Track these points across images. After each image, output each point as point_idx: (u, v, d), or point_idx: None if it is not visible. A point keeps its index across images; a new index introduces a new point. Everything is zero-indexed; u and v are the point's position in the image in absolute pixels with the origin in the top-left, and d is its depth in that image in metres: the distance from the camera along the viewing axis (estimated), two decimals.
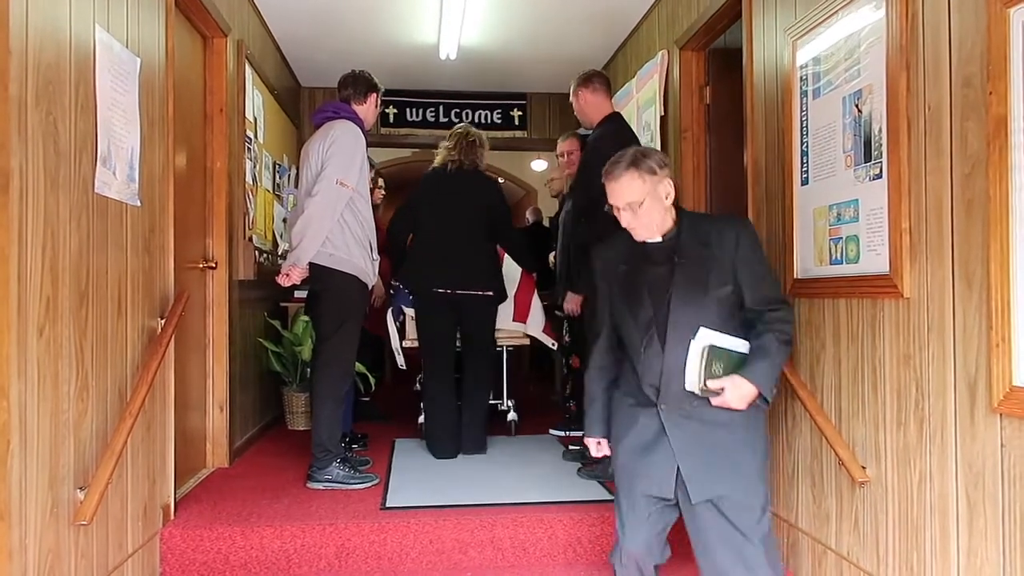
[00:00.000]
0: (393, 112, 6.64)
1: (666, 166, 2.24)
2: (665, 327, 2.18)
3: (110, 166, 2.41)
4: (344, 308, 3.47)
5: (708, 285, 2.18)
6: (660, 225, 2.25)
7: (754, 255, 2.22)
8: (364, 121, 3.62)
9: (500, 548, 2.95)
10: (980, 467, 1.95)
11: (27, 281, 1.92)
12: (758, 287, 2.21)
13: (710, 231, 2.24)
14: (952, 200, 2.04)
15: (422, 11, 4.78)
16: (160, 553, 2.83)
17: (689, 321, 2.16)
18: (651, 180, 2.20)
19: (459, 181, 4.15)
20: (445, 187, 4.16)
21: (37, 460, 1.98)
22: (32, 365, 1.94)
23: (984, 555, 1.95)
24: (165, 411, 2.92)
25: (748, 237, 2.23)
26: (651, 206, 2.21)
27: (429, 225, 4.12)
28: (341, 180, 3.34)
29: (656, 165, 2.21)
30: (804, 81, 2.81)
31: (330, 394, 3.46)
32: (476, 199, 4.12)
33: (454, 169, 4.16)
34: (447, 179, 4.17)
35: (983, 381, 1.92)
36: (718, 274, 2.19)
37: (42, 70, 1.99)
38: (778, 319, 2.20)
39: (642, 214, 2.21)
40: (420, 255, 4.12)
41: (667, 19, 4.41)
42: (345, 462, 3.47)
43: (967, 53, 1.97)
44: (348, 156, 3.37)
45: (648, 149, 2.29)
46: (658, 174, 2.20)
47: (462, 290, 4.07)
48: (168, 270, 2.94)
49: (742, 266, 2.19)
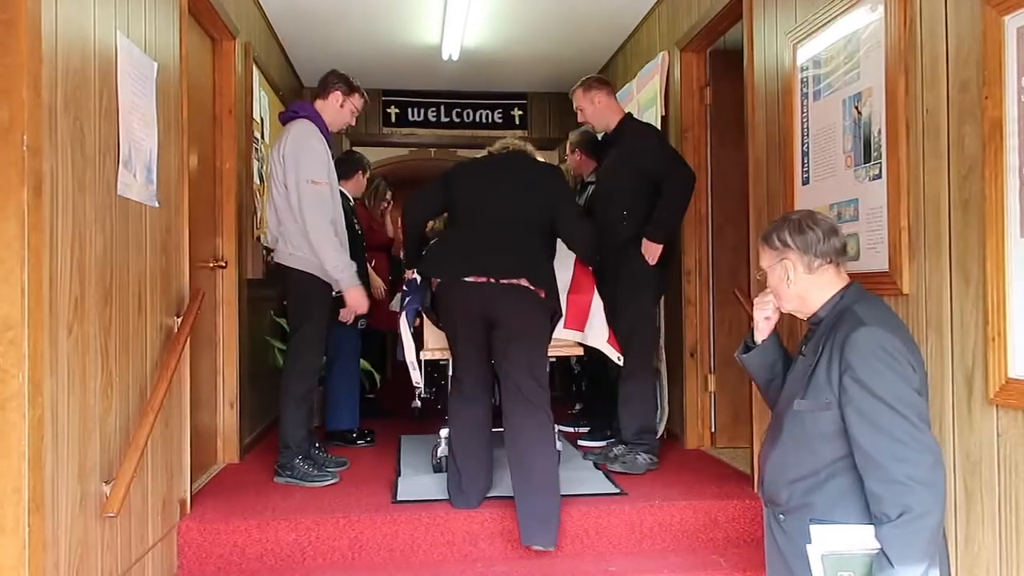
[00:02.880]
0: (395, 112, 6.71)
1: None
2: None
3: (131, 168, 2.47)
4: (302, 308, 3.52)
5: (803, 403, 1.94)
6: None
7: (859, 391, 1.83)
8: (325, 117, 3.59)
9: (510, 539, 3.02)
10: (977, 456, 2.03)
11: (58, 281, 1.98)
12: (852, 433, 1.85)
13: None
14: (950, 200, 2.12)
15: (425, 14, 4.85)
16: (178, 546, 2.90)
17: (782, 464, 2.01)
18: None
19: (511, 163, 3.39)
20: (493, 170, 3.39)
21: (68, 454, 2.04)
22: (62, 362, 2.01)
23: (981, 541, 2.03)
24: (182, 407, 2.99)
25: (856, 358, 1.84)
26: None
27: (467, 210, 3.28)
28: (311, 179, 3.37)
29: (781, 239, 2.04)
30: (805, 83, 2.89)
31: (289, 392, 3.51)
32: (531, 184, 3.28)
33: (504, 153, 3.46)
34: (496, 161, 3.44)
35: (980, 373, 2.00)
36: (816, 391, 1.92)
37: (70, 76, 2.06)
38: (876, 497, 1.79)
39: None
40: (452, 243, 3.30)
41: (667, 20, 4.48)
42: (308, 459, 3.52)
43: (963, 58, 2.05)
44: (308, 154, 3.39)
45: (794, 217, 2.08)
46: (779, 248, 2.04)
47: (505, 279, 3.04)
48: (184, 269, 3.01)
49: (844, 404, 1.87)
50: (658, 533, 3.10)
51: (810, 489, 1.92)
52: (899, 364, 1.80)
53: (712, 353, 4.22)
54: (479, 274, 3.05)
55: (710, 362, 4.22)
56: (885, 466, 1.76)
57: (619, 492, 3.27)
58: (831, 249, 1.98)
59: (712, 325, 4.23)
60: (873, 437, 1.78)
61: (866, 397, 1.80)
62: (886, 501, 1.76)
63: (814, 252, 1.97)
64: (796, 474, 1.95)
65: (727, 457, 3.94)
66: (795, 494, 1.95)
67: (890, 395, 1.78)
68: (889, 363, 1.80)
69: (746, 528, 3.12)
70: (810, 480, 1.92)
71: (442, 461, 3.53)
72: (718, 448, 4.16)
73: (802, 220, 2.01)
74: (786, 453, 1.99)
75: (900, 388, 1.78)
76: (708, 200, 4.19)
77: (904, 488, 1.74)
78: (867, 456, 1.79)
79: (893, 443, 1.76)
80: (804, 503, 1.93)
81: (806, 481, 1.93)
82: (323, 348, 3.67)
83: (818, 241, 1.97)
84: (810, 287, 2.01)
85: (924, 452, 1.76)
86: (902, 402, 1.78)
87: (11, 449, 1.82)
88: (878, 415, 1.78)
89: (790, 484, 1.96)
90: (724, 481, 3.48)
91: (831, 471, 1.89)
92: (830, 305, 1.99)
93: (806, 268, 1.99)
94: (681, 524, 3.12)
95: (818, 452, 1.90)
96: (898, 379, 1.79)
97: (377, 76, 6.23)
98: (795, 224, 2.00)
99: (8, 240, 1.81)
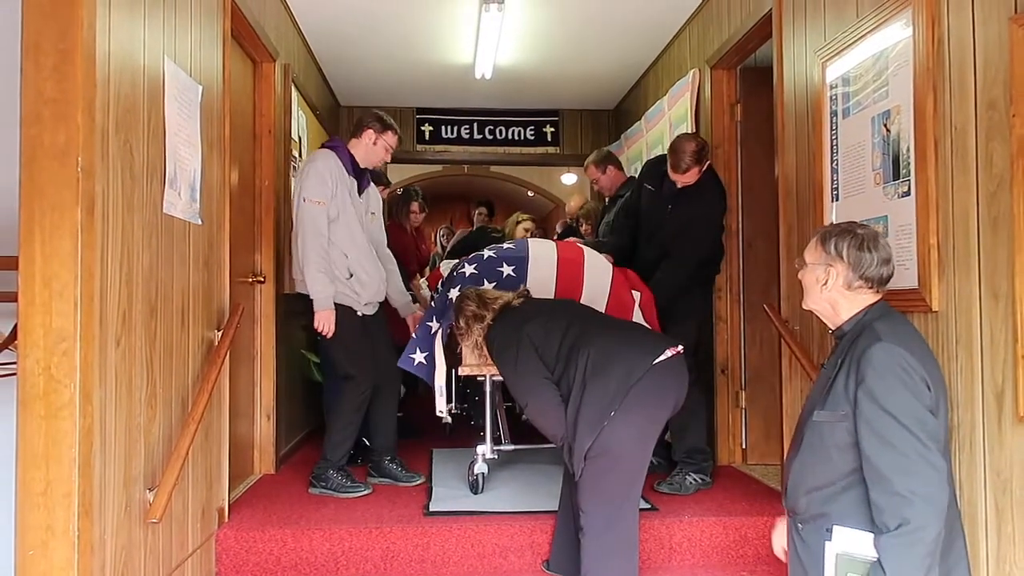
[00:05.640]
0: (429, 129, 6.83)
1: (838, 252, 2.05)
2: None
3: (176, 187, 2.58)
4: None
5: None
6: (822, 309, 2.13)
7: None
8: (357, 154, 3.67)
9: (539, 553, 3.05)
10: (1008, 474, 2.02)
11: (107, 296, 2.08)
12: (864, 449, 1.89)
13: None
14: (978, 217, 2.12)
15: (459, 34, 4.95)
16: (216, 553, 2.97)
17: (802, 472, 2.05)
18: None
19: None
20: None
21: (114, 462, 2.13)
22: (110, 373, 2.10)
23: (1013, 560, 2.01)
24: (221, 418, 3.08)
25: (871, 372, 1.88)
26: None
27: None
28: (308, 198, 3.46)
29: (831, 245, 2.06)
30: (834, 101, 2.90)
31: (332, 408, 3.65)
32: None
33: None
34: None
35: (1010, 391, 2.00)
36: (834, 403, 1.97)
37: (121, 101, 2.16)
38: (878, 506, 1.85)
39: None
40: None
41: (698, 38, 4.52)
42: (342, 470, 3.59)
43: (991, 77, 2.06)
44: (311, 176, 3.48)
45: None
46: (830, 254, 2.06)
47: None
48: (224, 284, 3.10)
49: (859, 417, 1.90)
50: (687, 549, 3.11)
51: (827, 499, 1.96)
52: (912, 380, 1.83)
53: (743, 369, 4.22)
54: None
55: (741, 378, 4.22)
56: (889, 478, 1.80)
57: (650, 508, 3.29)
58: (877, 277, 2.02)
59: (743, 341, 4.23)
60: (880, 449, 1.82)
61: (876, 410, 1.84)
62: (887, 512, 1.80)
63: (861, 274, 2.01)
64: (814, 483, 1.99)
65: (758, 474, 3.93)
66: (813, 503, 1.99)
67: (899, 410, 1.81)
68: (902, 378, 1.83)
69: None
70: (827, 490, 1.96)
71: (479, 479, 3.58)
72: (749, 465, 4.14)
73: (866, 239, 2.02)
74: (805, 463, 2.03)
75: (910, 404, 1.82)
76: (739, 216, 4.21)
77: (904, 501, 1.77)
78: (873, 467, 1.84)
79: (898, 456, 1.80)
80: (821, 512, 1.97)
81: (823, 491, 1.97)
82: (368, 367, 3.62)
83: (870, 265, 2.00)
84: (842, 300, 2.05)
85: (928, 468, 1.79)
86: (911, 418, 1.81)
87: (62, 456, 1.91)
88: (886, 429, 1.82)
89: (808, 493, 2.01)
90: (754, 498, 3.47)
91: (848, 482, 1.93)
92: (855, 320, 2.03)
93: (846, 284, 2.03)
94: (711, 540, 3.12)
95: (835, 462, 1.94)
96: (909, 395, 1.82)
97: (411, 94, 6.36)
98: (858, 240, 2.02)
99: (63, 257, 1.91)
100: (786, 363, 3.35)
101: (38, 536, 1.91)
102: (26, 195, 1.93)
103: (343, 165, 3.59)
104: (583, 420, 2.50)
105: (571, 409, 2.55)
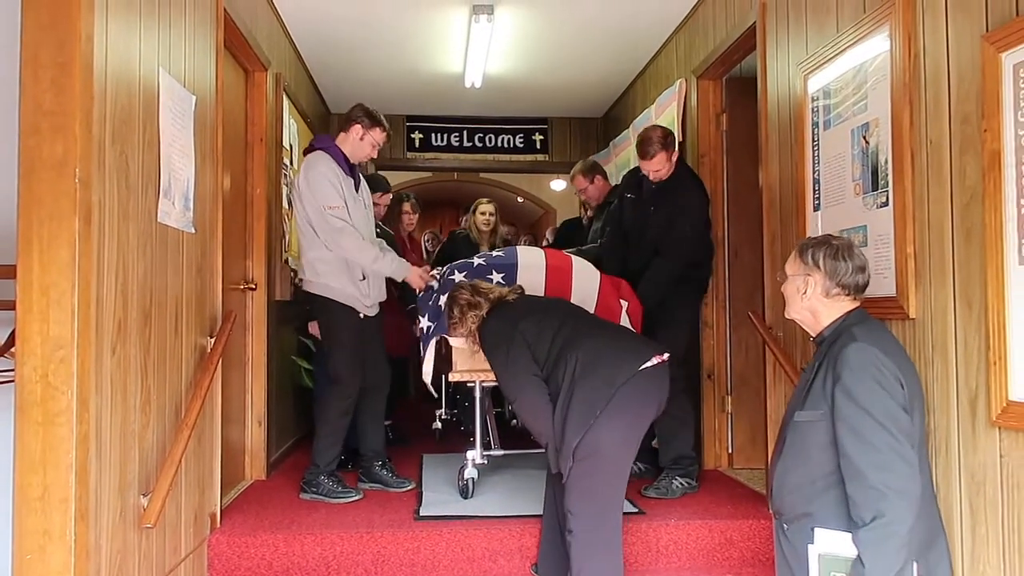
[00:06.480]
0: (419, 137, 6.89)
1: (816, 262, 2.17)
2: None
3: (170, 197, 2.61)
4: (329, 334, 3.66)
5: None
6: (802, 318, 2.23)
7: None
8: (345, 149, 3.66)
9: (528, 556, 3.09)
10: (982, 477, 2.09)
11: (104, 304, 2.12)
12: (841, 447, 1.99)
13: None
14: (953, 228, 2.19)
15: (449, 43, 5.01)
16: (208, 559, 3.00)
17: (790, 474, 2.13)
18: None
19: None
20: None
21: (110, 467, 2.17)
22: (106, 381, 2.14)
23: (986, 559, 2.08)
24: (213, 425, 3.11)
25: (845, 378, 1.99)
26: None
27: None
28: (327, 206, 3.47)
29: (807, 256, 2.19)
30: (815, 113, 2.98)
31: (322, 416, 3.67)
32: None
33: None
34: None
35: (983, 396, 2.06)
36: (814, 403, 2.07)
37: (117, 112, 2.20)
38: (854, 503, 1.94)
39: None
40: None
41: (684, 49, 4.59)
42: (332, 476, 3.62)
43: (964, 92, 2.13)
44: (323, 184, 3.50)
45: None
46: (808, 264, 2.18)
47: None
48: (217, 291, 3.14)
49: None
50: (673, 552, 3.17)
51: (809, 498, 2.03)
52: (885, 378, 1.93)
53: (729, 374, 4.29)
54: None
55: (727, 383, 4.28)
56: (864, 473, 1.89)
57: (636, 511, 3.34)
58: (853, 284, 2.13)
59: (729, 347, 4.29)
60: (855, 445, 1.91)
61: (852, 407, 1.94)
62: (862, 506, 1.89)
63: (837, 281, 2.12)
64: (796, 482, 2.07)
65: (743, 478, 3.99)
66: (796, 503, 2.07)
67: (874, 407, 1.91)
68: (876, 377, 1.93)
69: (761, 547, 3.17)
70: (808, 489, 2.04)
71: (468, 484, 3.61)
72: (735, 468, 4.20)
73: (840, 248, 2.14)
74: (787, 463, 2.11)
75: (884, 401, 1.91)
76: (725, 224, 4.27)
77: (879, 494, 1.86)
78: (849, 462, 1.93)
79: (873, 452, 1.89)
80: (805, 512, 2.05)
81: (805, 490, 2.05)
82: (359, 371, 3.65)
83: (845, 273, 2.12)
84: (821, 307, 2.17)
85: (901, 463, 1.88)
86: (885, 414, 1.91)
87: (59, 461, 1.95)
88: (861, 425, 1.91)
89: (791, 493, 2.09)
90: (740, 501, 3.53)
91: (829, 481, 2.01)
92: (834, 326, 2.14)
93: (824, 292, 2.14)
94: (697, 543, 3.18)
95: (816, 461, 2.03)
96: (883, 392, 1.92)
97: (401, 103, 6.42)
98: (833, 250, 2.14)
99: (61, 266, 1.95)
100: (770, 369, 3.42)
101: (35, 540, 1.94)
102: (24, 205, 1.96)
103: (339, 165, 3.62)
104: (570, 419, 2.56)
105: (559, 408, 2.61)
